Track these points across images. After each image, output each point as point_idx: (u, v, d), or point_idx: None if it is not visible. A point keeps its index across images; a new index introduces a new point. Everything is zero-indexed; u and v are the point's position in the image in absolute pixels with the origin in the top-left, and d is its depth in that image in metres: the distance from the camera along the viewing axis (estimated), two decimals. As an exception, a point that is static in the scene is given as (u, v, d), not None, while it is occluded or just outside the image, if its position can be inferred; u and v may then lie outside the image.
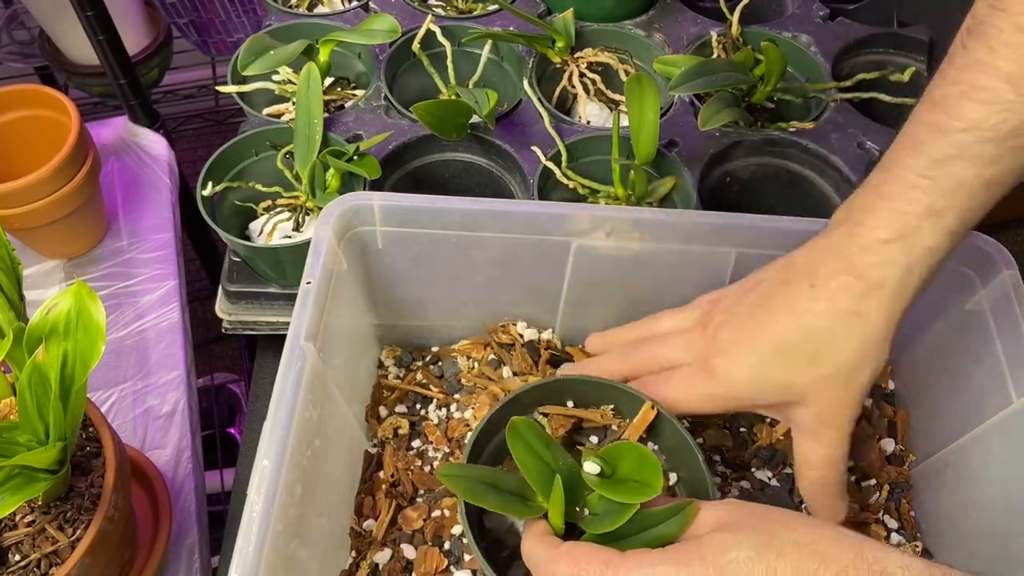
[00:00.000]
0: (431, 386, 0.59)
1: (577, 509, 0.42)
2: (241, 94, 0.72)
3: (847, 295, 0.41)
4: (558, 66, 0.75)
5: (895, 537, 0.54)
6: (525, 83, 0.72)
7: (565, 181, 0.65)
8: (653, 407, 0.47)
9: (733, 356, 0.44)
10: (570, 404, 0.50)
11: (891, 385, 0.61)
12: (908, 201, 0.40)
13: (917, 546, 0.54)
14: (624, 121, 0.64)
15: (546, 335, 0.60)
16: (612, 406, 0.50)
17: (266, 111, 0.72)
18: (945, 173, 0.39)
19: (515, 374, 0.58)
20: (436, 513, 0.53)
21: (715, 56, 0.75)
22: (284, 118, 0.71)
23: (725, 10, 0.77)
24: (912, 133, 0.40)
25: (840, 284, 0.41)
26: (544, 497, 0.41)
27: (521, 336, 0.60)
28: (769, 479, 0.55)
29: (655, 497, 0.39)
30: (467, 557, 0.50)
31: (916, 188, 0.39)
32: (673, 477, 0.48)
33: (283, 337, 0.46)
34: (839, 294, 0.41)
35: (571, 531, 0.42)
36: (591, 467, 0.42)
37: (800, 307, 0.42)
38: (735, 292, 0.47)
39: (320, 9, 0.82)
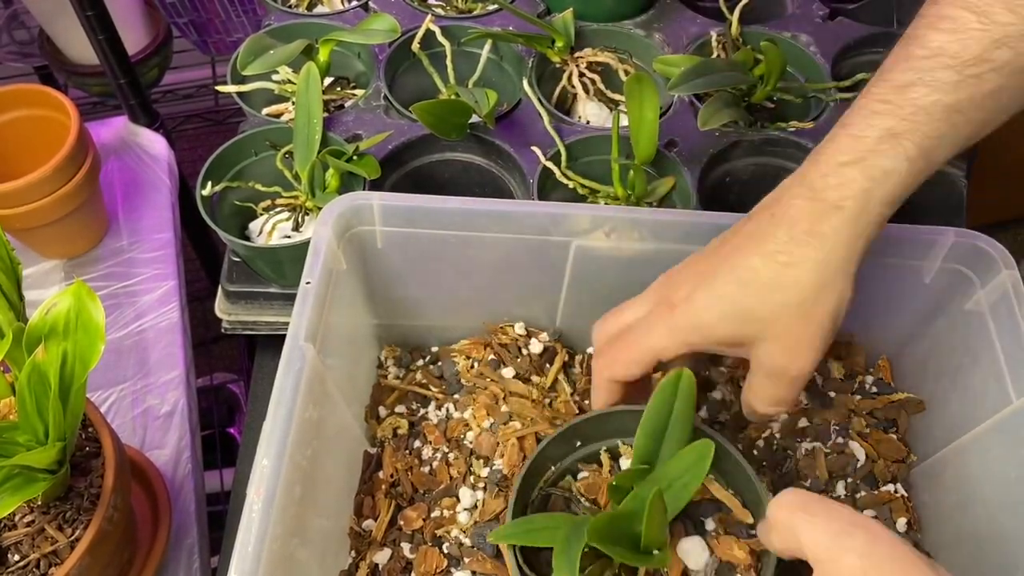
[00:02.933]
0: (430, 386, 0.59)
1: None
2: (241, 94, 0.72)
3: (805, 217, 0.41)
4: (558, 66, 0.75)
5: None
6: (525, 83, 0.72)
7: (565, 181, 0.65)
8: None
9: (695, 286, 0.44)
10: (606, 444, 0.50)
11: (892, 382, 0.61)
12: (867, 126, 0.40)
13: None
14: (624, 121, 0.64)
15: (545, 336, 0.60)
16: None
17: (266, 111, 0.72)
18: (905, 98, 0.39)
19: (515, 374, 0.58)
20: (436, 513, 0.53)
21: (715, 56, 0.75)
22: (284, 118, 0.71)
23: (725, 10, 0.77)
24: (880, 68, 0.41)
25: (798, 207, 0.41)
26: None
27: (521, 336, 0.60)
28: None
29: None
30: (467, 559, 0.50)
31: (876, 113, 0.40)
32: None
33: (283, 337, 0.46)
34: (798, 217, 0.41)
35: None
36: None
37: (761, 235, 0.42)
38: (694, 255, 0.47)
39: (320, 9, 0.82)
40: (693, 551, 0.44)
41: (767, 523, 0.39)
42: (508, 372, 0.58)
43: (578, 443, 0.49)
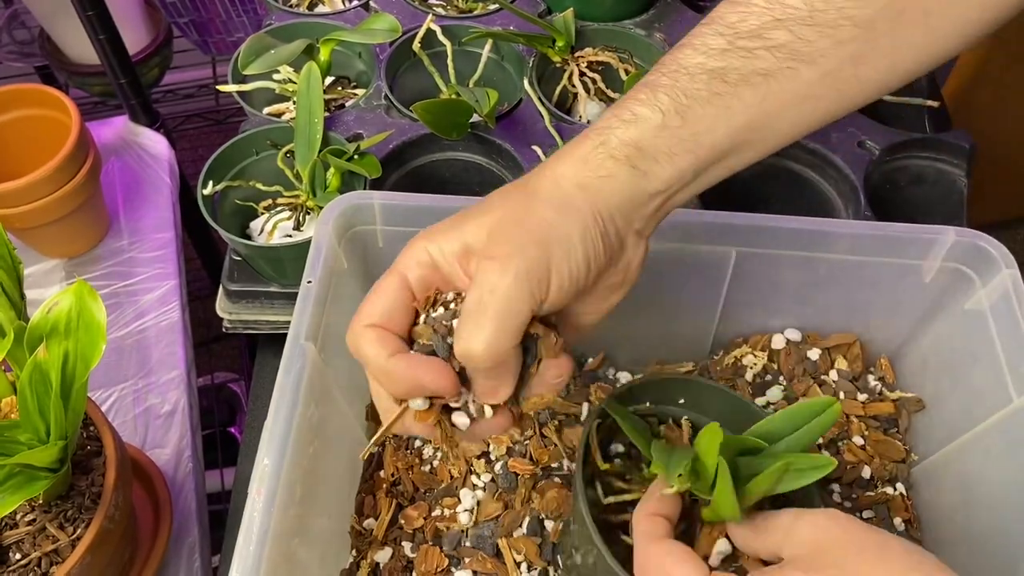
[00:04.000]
0: (431, 385, 0.59)
1: None
2: (242, 93, 0.72)
3: (550, 158, 0.39)
4: (558, 65, 0.75)
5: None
6: (525, 82, 0.72)
7: (565, 180, 0.65)
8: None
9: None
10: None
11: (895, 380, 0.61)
12: (635, 88, 0.40)
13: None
14: (624, 120, 0.64)
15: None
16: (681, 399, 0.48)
17: (267, 110, 0.72)
18: (673, 57, 0.40)
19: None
20: (436, 512, 0.53)
21: (715, 55, 0.75)
22: (285, 117, 0.71)
23: (725, 9, 0.77)
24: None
25: (561, 150, 0.40)
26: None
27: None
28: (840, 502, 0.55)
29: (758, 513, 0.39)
30: (467, 559, 0.50)
31: (647, 76, 0.40)
32: None
33: (284, 336, 0.46)
34: (546, 161, 0.40)
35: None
36: None
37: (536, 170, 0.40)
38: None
39: (321, 8, 0.82)
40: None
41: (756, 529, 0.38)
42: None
43: (681, 400, 0.47)
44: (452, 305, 0.38)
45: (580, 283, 0.38)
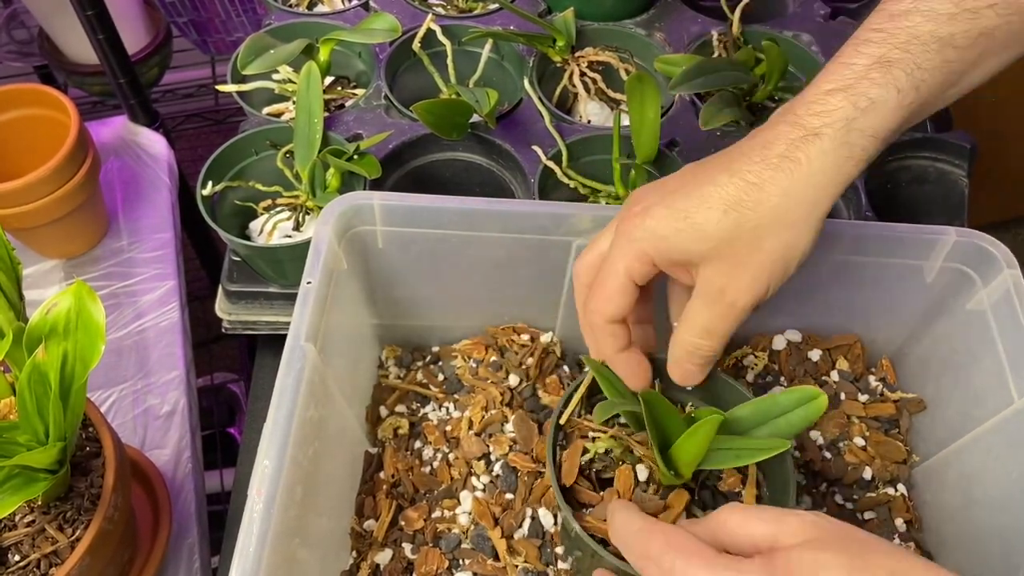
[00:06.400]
0: (431, 386, 0.59)
1: None
2: (241, 93, 0.71)
3: (782, 140, 0.39)
4: (558, 65, 0.75)
5: (897, 538, 0.54)
6: (526, 82, 0.72)
7: (566, 180, 0.65)
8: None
9: (657, 200, 0.42)
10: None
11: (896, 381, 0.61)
12: (858, 54, 0.38)
13: (910, 545, 0.54)
14: (625, 120, 0.64)
15: (546, 337, 0.60)
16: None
17: (266, 110, 0.72)
18: (899, 26, 0.38)
19: (516, 376, 0.58)
20: (437, 513, 0.53)
21: (716, 55, 0.75)
22: (284, 117, 0.70)
23: (726, 9, 0.77)
24: (879, 4, 0.40)
25: (777, 132, 0.39)
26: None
27: (521, 337, 0.60)
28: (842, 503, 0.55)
29: (738, 505, 0.39)
30: (467, 560, 0.50)
31: (868, 42, 0.38)
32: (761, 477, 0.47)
33: (283, 337, 0.46)
34: (774, 140, 0.39)
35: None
36: None
37: (735, 154, 0.41)
38: (669, 175, 0.45)
39: (320, 8, 0.82)
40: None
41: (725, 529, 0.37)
42: (508, 373, 0.58)
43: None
44: None
45: None
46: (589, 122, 0.72)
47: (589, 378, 0.48)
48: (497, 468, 0.54)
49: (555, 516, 0.52)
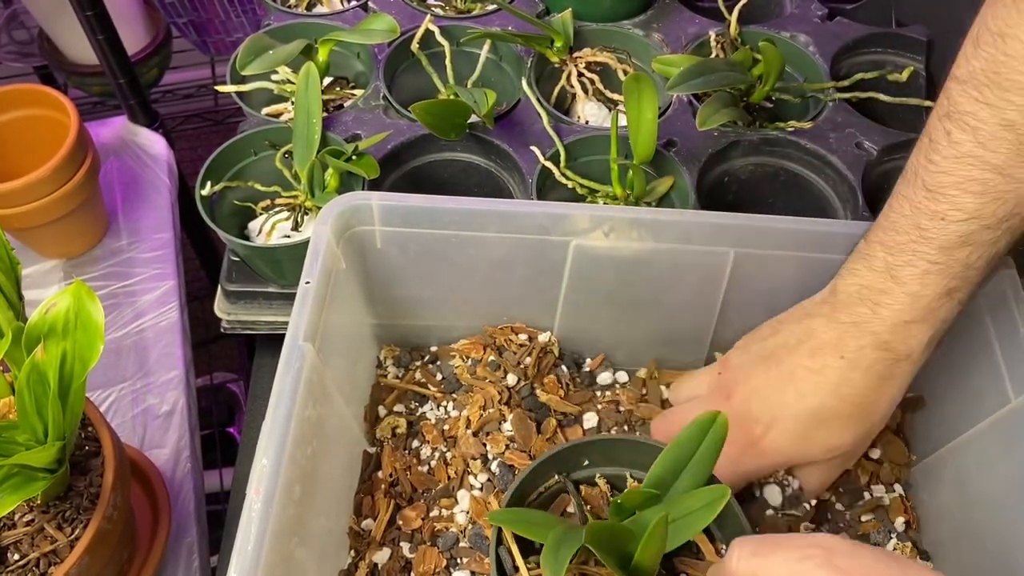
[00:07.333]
0: (429, 385, 0.59)
1: None
2: (240, 94, 0.72)
3: (881, 366, 0.46)
4: (556, 66, 0.75)
5: (895, 538, 0.54)
6: (524, 83, 0.72)
7: (564, 181, 0.65)
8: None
9: (778, 431, 0.48)
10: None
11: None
12: (924, 285, 0.44)
13: (907, 546, 0.54)
14: (622, 121, 0.64)
15: (544, 337, 0.60)
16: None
17: (265, 111, 0.72)
18: (954, 259, 0.43)
19: (514, 375, 0.58)
20: (435, 513, 0.53)
21: (713, 56, 0.75)
22: (283, 118, 0.71)
23: (723, 10, 0.77)
24: (913, 218, 0.44)
25: (875, 358, 0.46)
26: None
27: (519, 336, 0.60)
28: None
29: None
30: (464, 559, 0.50)
31: (929, 273, 0.44)
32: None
33: (282, 337, 0.46)
34: (874, 366, 0.46)
35: None
36: None
37: (834, 378, 0.47)
38: (747, 359, 0.51)
39: (319, 9, 0.82)
40: None
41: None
42: (507, 372, 0.58)
43: (585, 462, 0.48)
44: None
45: None
46: (587, 122, 0.72)
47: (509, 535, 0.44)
48: (494, 467, 0.54)
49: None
